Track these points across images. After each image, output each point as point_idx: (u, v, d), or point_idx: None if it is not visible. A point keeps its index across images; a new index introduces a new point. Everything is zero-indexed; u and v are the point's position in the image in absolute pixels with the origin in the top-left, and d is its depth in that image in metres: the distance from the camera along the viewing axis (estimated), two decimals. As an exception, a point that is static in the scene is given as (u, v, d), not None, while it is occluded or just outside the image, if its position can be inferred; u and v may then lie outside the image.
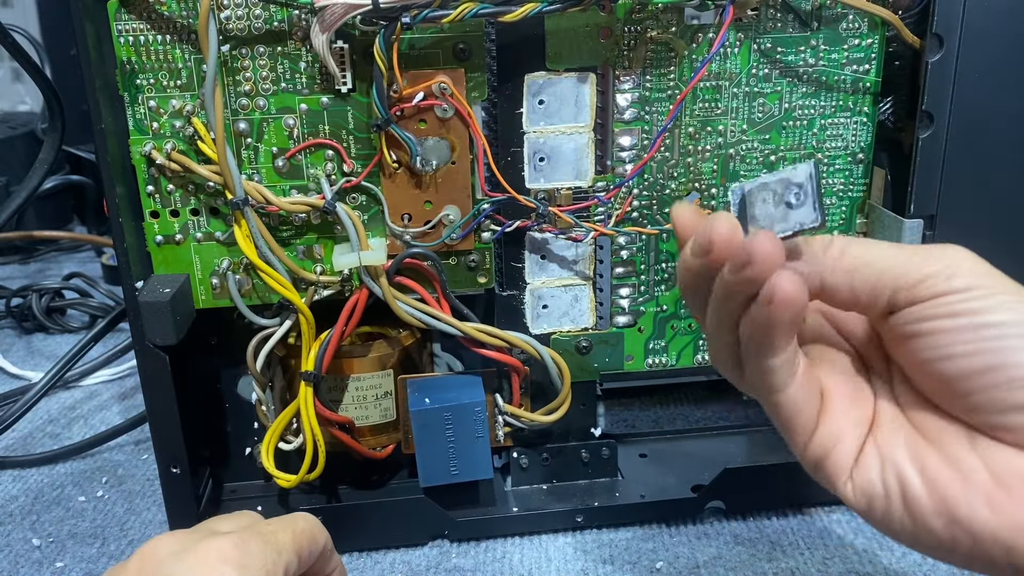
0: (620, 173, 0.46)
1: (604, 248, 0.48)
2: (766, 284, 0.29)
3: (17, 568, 0.49)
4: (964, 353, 0.29)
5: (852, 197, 0.48)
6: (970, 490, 0.29)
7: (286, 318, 0.46)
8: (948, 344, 0.29)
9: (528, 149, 0.45)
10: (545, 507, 0.51)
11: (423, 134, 0.43)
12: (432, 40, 0.42)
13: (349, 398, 0.48)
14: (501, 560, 0.49)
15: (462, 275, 0.47)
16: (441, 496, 0.49)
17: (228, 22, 0.42)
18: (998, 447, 0.29)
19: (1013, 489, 0.28)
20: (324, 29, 0.40)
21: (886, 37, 0.45)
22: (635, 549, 0.49)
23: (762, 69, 0.46)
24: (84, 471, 0.58)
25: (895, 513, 0.31)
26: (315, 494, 0.51)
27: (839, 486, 0.32)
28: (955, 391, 0.30)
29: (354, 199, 0.45)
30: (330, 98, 0.43)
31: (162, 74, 0.42)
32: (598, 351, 0.49)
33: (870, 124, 0.47)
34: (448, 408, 0.46)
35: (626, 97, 0.45)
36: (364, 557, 0.49)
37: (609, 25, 0.44)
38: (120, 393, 0.68)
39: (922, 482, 0.30)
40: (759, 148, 0.47)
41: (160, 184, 0.44)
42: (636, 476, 0.53)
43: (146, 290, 0.43)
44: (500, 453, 0.52)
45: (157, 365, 0.44)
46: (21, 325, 0.79)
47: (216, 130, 0.41)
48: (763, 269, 0.29)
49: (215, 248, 0.45)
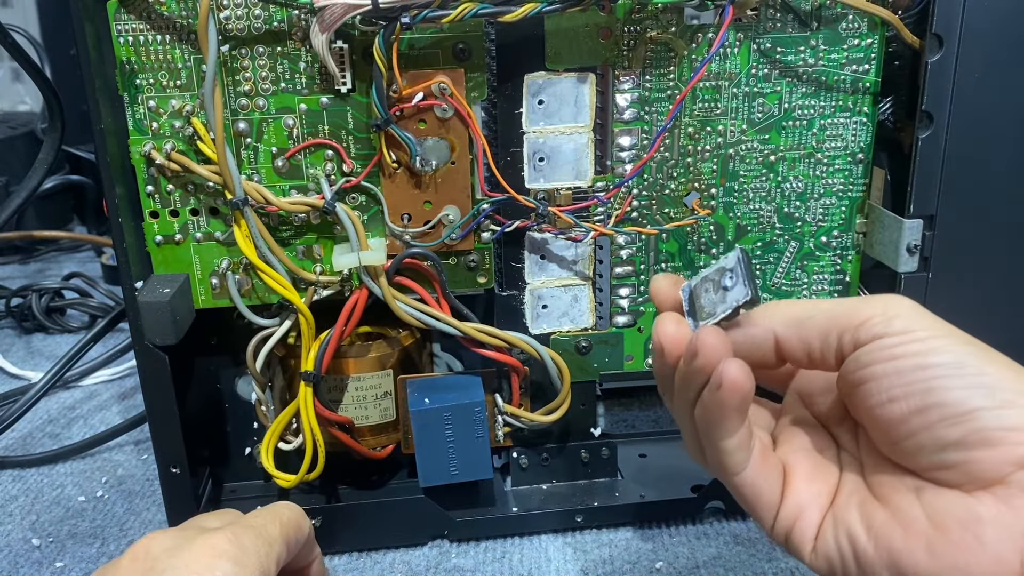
0: (620, 173, 0.46)
1: (604, 248, 0.48)
2: (715, 371, 0.32)
3: (17, 568, 0.49)
4: (903, 395, 0.30)
5: (852, 197, 0.48)
6: (910, 539, 0.30)
7: (286, 318, 0.46)
8: (888, 388, 0.30)
9: (528, 149, 0.45)
10: (545, 507, 0.51)
11: (423, 134, 0.43)
12: (432, 40, 0.42)
13: (349, 398, 0.48)
14: (501, 560, 0.49)
15: (462, 275, 0.47)
16: (441, 496, 0.49)
17: (228, 22, 0.42)
18: (940, 492, 0.30)
19: (950, 532, 0.29)
20: (324, 29, 0.40)
21: (886, 37, 0.45)
22: (635, 549, 0.49)
23: (762, 69, 0.46)
24: (84, 471, 0.58)
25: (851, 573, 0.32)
26: (315, 494, 0.51)
27: (806, 556, 0.34)
28: (898, 435, 0.31)
29: (354, 199, 0.45)
30: (330, 98, 0.43)
31: (162, 74, 0.42)
32: (598, 351, 0.49)
33: (870, 124, 0.47)
34: (448, 408, 0.46)
35: (626, 97, 0.45)
36: (364, 557, 0.49)
37: (609, 25, 0.44)
38: (120, 393, 0.68)
39: (868, 538, 0.31)
40: (759, 148, 0.47)
41: (160, 184, 0.44)
42: (636, 476, 0.53)
43: (146, 290, 0.43)
44: (500, 453, 0.52)
45: (157, 365, 0.44)
46: (21, 325, 0.79)
47: (216, 130, 0.41)
48: (709, 359, 0.32)
49: (215, 248, 0.45)
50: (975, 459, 0.29)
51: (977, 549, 0.28)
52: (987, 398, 0.29)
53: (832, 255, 0.49)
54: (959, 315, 0.46)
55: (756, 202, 0.48)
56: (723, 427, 0.34)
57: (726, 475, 0.35)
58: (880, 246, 0.47)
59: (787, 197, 0.48)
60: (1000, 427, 0.29)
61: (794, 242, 0.49)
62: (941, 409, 0.29)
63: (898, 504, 0.31)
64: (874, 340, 0.31)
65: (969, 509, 0.29)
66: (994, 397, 0.29)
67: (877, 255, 0.48)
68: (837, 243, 0.49)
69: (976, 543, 0.29)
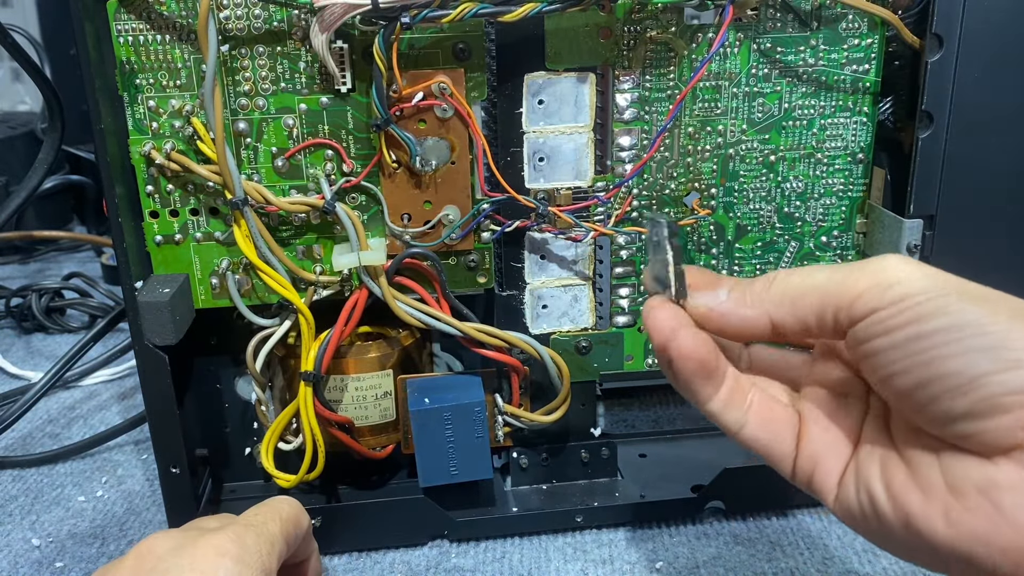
0: (620, 173, 0.46)
1: (604, 248, 0.48)
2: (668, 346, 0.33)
3: (17, 568, 0.49)
4: (904, 370, 0.28)
5: (852, 197, 0.48)
6: (928, 504, 0.29)
7: (286, 318, 0.46)
8: (888, 363, 0.29)
9: (528, 149, 0.45)
10: (545, 507, 0.51)
11: (423, 134, 0.43)
12: (432, 40, 0.42)
13: (349, 398, 0.48)
14: (501, 560, 0.49)
15: (462, 275, 0.47)
16: (441, 496, 0.49)
17: (227, 22, 0.42)
18: (960, 457, 0.29)
19: (968, 499, 0.28)
20: (324, 29, 0.40)
21: (886, 37, 0.45)
22: (635, 549, 0.49)
23: (762, 69, 0.46)
24: (84, 471, 0.58)
25: (872, 527, 0.31)
26: (315, 494, 0.51)
27: (829, 503, 0.33)
28: (910, 407, 0.29)
29: (354, 199, 0.45)
30: (329, 98, 0.43)
31: (161, 74, 0.42)
32: (598, 351, 0.49)
33: (870, 124, 0.47)
34: (448, 408, 0.46)
35: (626, 97, 0.45)
36: (364, 557, 0.49)
37: (609, 25, 0.44)
38: (120, 393, 0.68)
39: (887, 498, 0.30)
40: (759, 148, 0.47)
41: (159, 184, 0.44)
42: (636, 476, 0.53)
43: (146, 290, 0.43)
44: (500, 453, 0.52)
45: (156, 365, 0.44)
46: (21, 325, 0.79)
47: (215, 130, 0.41)
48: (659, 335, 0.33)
49: (214, 248, 0.45)
50: (987, 428, 0.27)
51: (995, 516, 0.27)
52: (992, 361, 0.27)
53: (832, 255, 0.49)
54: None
55: (756, 202, 0.48)
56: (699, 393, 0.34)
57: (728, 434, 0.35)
58: (880, 246, 0.47)
59: (787, 197, 0.48)
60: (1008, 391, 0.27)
61: (794, 242, 0.49)
62: (944, 380, 0.27)
63: (918, 465, 0.30)
64: (869, 315, 0.29)
65: (987, 475, 0.28)
66: (1000, 357, 0.27)
67: (877, 255, 0.48)
68: (837, 243, 0.49)
69: (994, 510, 0.27)
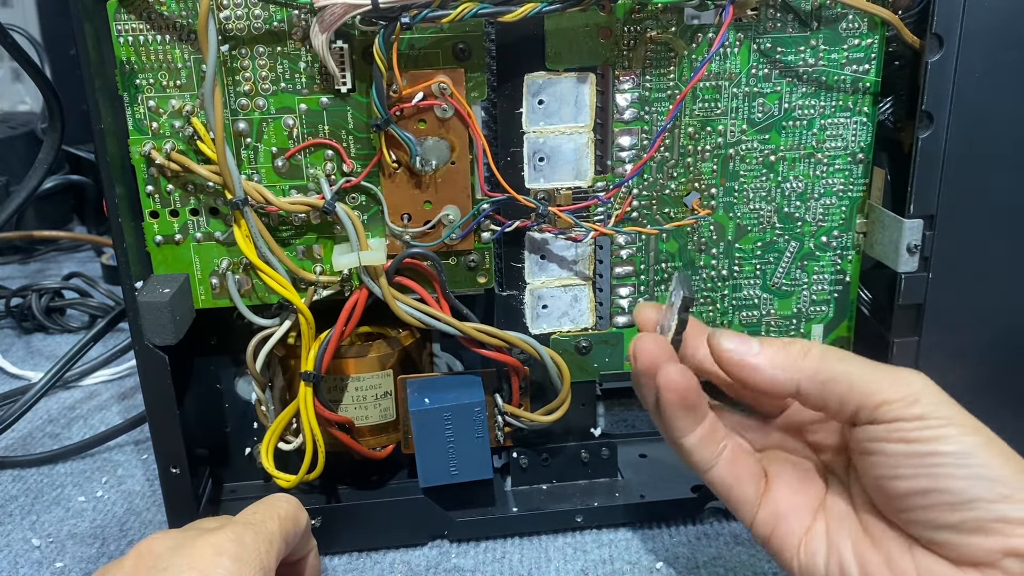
0: (620, 173, 0.46)
1: (604, 248, 0.48)
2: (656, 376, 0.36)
3: (17, 568, 0.49)
4: (909, 476, 0.33)
5: (852, 197, 0.48)
6: None
7: (286, 318, 0.46)
8: (896, 466, 0.33)
9: (528, 149, 0.45)
10: (545, 507, 0.51)
11: (423, 134, 0.43)
12: (432, 40, 0.42)
13: (349, 398, 0.48)
14: (501, 560, 0.49)
15: (462, 275, 0.47)
16: (441, 496, 0.49)
17: (228, 22, 0.42)
18: (930, 556, 0.33)
19: None
20: (324, 29, 0.40)
21: (886, 37, 0.45)
22: (635, 549, 0.49)
23: (762, 69, 0.46)
24: (84, 471, 0.58)
25: None
26: (315, 494, 0.51)
27: (786, 560, 0.37)
28: (899, 506, 0.34)
29: (354, 199, 0.45)
30: (330, 98, 0.43)
31: (161, 74, 0.42)
32: (598, 351, 0.49)
33: (870, 124, 0.47)
34: (448, 408, 0.46)
35: (626, 97, 0.45)
36: (364, 557, 0.49)
37: (609, 25, 0.44)
38: (120, 393, 0.68)
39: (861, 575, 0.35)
40: (759, 148, 0.47)
41: (159, 184, 0.44)
42: (636, 476, 0.53)
43: (146, 290, 0.43)
44: (500, 453, 0.52)
45: (156, 365, 0.44)
46: (21, 325, 0.79)
47: (215, 130, 0.41)
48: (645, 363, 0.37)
49: (215, 248, 0.45)
50: (968, 543, 0.32)
51: None
52: (988, 490, 0.32)
53: (832, 255, 0.49)
54: (959, 314, 0.46)
55: (756, 202, 0.48)
56: (675, 426, 0.37)
57: (697, 472, 0.38)
58: (880, 246, 0.47)
59: (787, 197, 0.48)
60: (997, 519, 0.31)
61: (794, 242, 0.49)
62: (943, 495, 0.32)
63: (890, 553, 0.34)
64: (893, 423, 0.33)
65: None
66: (994, 490, 0.31)
67: (877, 255, 0.48)
68: (837, 243, 0.49)
69: None
